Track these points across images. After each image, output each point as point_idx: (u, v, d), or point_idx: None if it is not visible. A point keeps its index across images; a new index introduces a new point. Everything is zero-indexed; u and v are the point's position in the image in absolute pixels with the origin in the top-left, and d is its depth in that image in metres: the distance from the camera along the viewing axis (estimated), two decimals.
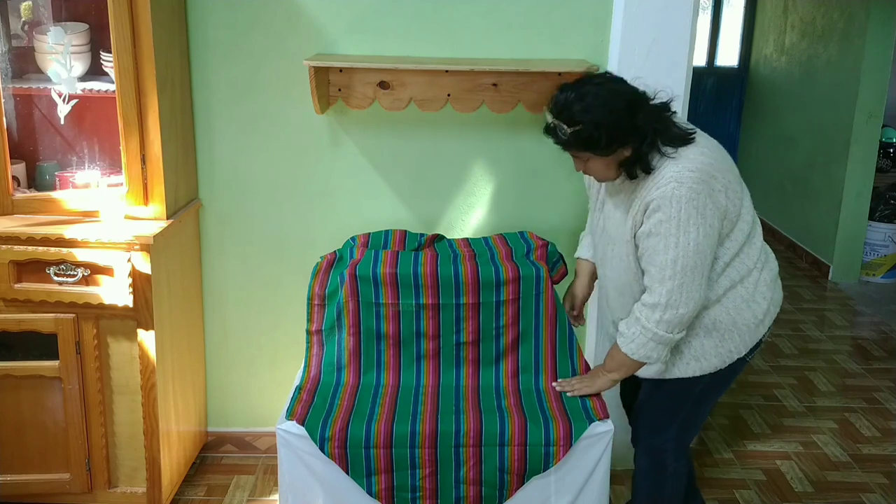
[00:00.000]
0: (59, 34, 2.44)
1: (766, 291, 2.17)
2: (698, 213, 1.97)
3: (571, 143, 2.04)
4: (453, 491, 2.22)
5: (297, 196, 2.88)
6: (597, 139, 2.00)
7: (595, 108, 1.98)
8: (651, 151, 2.03)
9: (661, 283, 2.02)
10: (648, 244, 2.04)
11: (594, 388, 2.29)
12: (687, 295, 2.02)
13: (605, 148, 2.02)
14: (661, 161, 2.03)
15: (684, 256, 1.99)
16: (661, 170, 2.02)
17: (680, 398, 2.27)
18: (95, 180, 2.61)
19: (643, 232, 2.06)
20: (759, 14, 7.16)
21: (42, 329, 2.46)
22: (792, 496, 3.01)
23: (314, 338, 2.47)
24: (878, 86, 5.28)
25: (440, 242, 2.67)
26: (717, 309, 2.13)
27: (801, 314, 4.90)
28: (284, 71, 2.74)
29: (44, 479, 2.59)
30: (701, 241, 1.99)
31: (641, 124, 2.01)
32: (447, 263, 2.42)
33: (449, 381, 2.41)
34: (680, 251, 1.99)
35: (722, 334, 2.15)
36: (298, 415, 2.21)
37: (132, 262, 2.42)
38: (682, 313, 2.04)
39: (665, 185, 1.98)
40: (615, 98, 2.01)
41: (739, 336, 2.16)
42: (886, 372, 4.11)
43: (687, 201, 1.97)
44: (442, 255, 2.48)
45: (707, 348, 2.17)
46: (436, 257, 2.45)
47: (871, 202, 5.47)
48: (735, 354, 2.19)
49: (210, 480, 2.96)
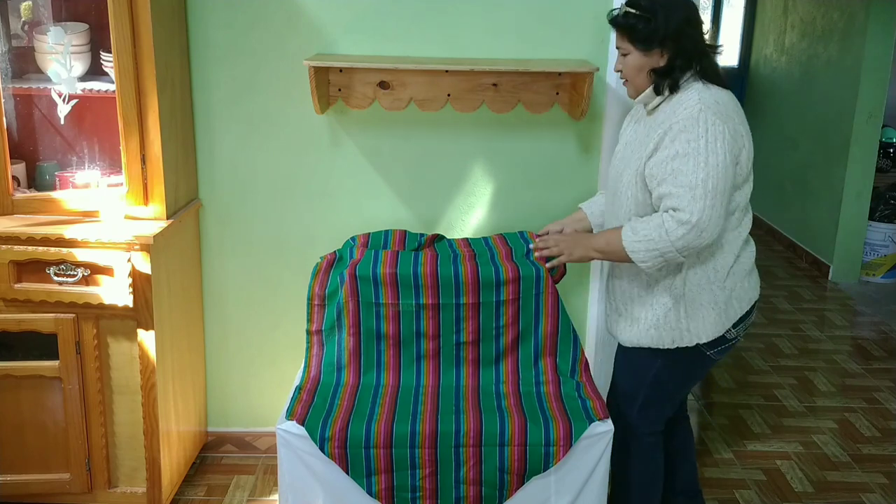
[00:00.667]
0: (59, 34, 2.44)
1: (731, 282, 2.18)
2: (724, 138, 2.01)
3: (620, 24, 2.12)
4: (453, 491, 2.22)
5: (297, 196, 2.88)
6: (642, 30, 2.08)
7: (660, 4, 2.07)
8: (685, 70, 2.10)
9: (693, 201, 2.00)
10: (674, 166, 2.04)
11: (571, 256, 2.32)
12: (715, 220, 2.02)
13: (645, 42, 2.09)
14: (688, 85, 2.10)
15: (714, 176, 2.00)
16: (688, 93, 2.08)
17: (641, 371, 2.30)
18: (95, 180, 2.61)
19: (667, 156, 2.05)
20: (759, 14, 7.16)
21: (42, 329, 2.46)
22: (792, 496, 3.01)
23: (314, 338, 2.47)
24: (878, 86, 5.29)
25: (440, 242, 2.67)
26: (680, 279, 2.16)
27: (801, 314, 4.90)
28: (284, 71, 2.75)
29: (44, 479, 2.59)
30: (729, 165, 2.02)
31: (688, 39, 2.08)
32: (447, 263, 2.42)
33: (449, 381, 2.41)
34: (710, 170, 2.00)
35: (679, 308, 2.17)
36: (298, 415, 2.21)
37: (132, 262, 2.42)
38: (704, 237, 2.03)
39: (692, 106, 2.04)
40: (681, 6, 2.09)
41: (696, 317, 2.17)
42: (886, 372, 4.11)
43: (713, 124, 2.01)
44: (442, 255, 2.48)
45: (660, 316, 2.19)
46: (436, 257, 2.45)
47: (871, 202, 5.47)
48: (689, 337, 2.19)
49: (210, 480, 2.96)
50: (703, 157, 2.00)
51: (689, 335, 2.19)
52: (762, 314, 4.85)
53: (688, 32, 2.09)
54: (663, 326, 2.21)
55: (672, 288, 2.18)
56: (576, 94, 2.65)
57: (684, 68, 2.11)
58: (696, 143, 2.00)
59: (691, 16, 2.11)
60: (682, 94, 2.10)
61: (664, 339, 2.21)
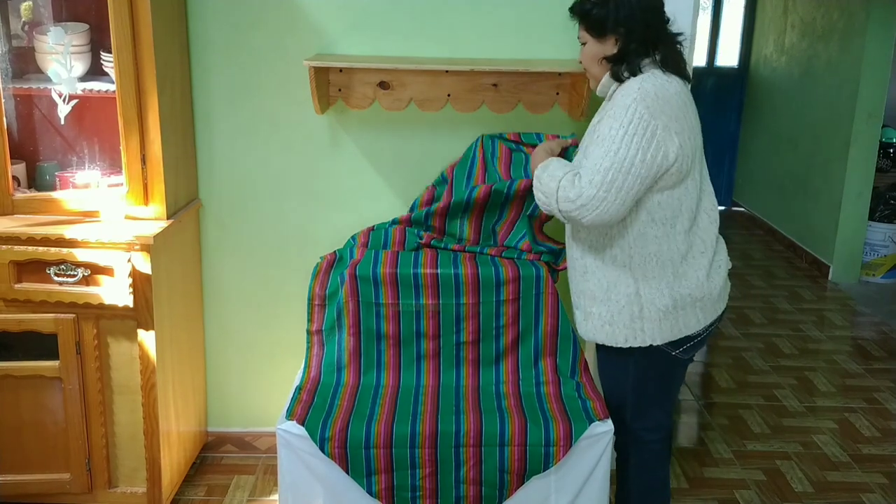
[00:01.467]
0: (59, 34, 2.44)
1: (686, 288, 2.11)
2: (644, 134, 1.97)
3: (577, 11, 2.12)
4: (453, 491, 2.22)
5: (297, 196, 2.88)
6: (595, 16, 2.06)
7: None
8: (639, 56, 2.05)
9: (590, 185, 1.98)
10: (591, 140, 2.08)
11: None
12: (605, 209, 1.98)
13: (597, 28, 2.07)
14: (647, 69, 2.05)
15: (617, 170, 1.97)
16: (634, 80, 2.04)
17: (619, 376, 2.28)
18: (95, 180, 2.61)
19: (592, 131, 2.10)
20: (759, 14, 7.16)
21: (42, 329, 2.46)
22: (792, 496, 3.01)
23: (314, 338, 2.47)
24: (878, 86, 5.29)
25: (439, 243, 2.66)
26: (633, 279, 2.12)
27: (801, 314, 4.90)
28: (284, 71, 2.75)
29: (44, 479, 2.59)
30: (641, 163, 1.97)
31: (641, 24, 2.04)
32: (447, 263, 2.42)
33: (449, 381, 2.42)
34: (616, 163, 1.97)
35: (632, 307, 2.13)
36: (298, 415, 2.21)
37: (132, 262, 2.42)
38: (588, 219, 2.00)
39: (628, 95, 2.00)
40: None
41: (649, 318, 2.13)
42: (886, 372, 4.11)
43: (639, 117, 1.97)
44: (442, 255, 2.48)
45: (614, 313, 2.15)
46: (436, 257, 2.46)
47: (871, 202, 5.47)
48: (643, 337, 2.14)
49: (210, 480, 2.96)
50: (614, 148, 1.97)
51: (642, 335, 2.14)
52: (762, 314, 4.85)
53: (642, 18, 2.04)
54: (617, 323, 2.16)
55: (626, 287, 2.13)
56: (576, 95, 2.65)
57: (639, 54, 2.05)
58: (615, 132, 1.98)
59: (649, 2, 2.07)
60: (630, 80, 2.06)
61: (617, 336, 2.17)
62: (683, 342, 2.17)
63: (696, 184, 2.10)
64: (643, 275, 2.10)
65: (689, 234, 2.11)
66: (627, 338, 2.15)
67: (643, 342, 2.15)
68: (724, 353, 4.28)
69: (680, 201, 2.07)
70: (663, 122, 1.98)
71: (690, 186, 2.08)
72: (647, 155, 1.97)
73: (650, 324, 2.13)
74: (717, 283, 2.17)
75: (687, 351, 2.20)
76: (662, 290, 2.10)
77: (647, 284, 2.11)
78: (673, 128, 1.99)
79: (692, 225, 2.11)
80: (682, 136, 2.01)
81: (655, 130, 1.97)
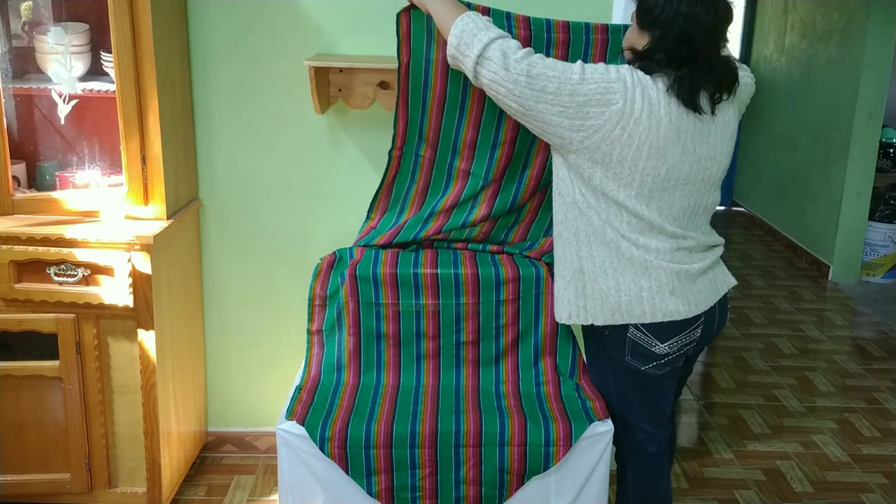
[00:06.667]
0: (59, 34, 2.44)
1: (625, 276, 2.06)
2: (596, 70, 1.95)
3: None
4: (453, 491, 2.22)
5: (297, 196, 2.89)
6: (642, 3, 1.99)
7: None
8: (661, 66, 1.97)
9: (524, 56, 1.98)
10: None
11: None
12: (502, 88, 1.98)
13: (640, 16, 1.99)
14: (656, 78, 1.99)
15: (545, 64, 1.95)
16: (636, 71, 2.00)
17: (602, 386, 2.28)
18: (96, 180, 2.62)
19: None
20: (759, 14, 7.16)
21: (42, 329, 2.47)
22: (792, 496, 3.01)
23: (314, 338, 2.47)
24: (878, 86, 5.29)
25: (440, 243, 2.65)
26: (577, 257, 2.10)
27: (801, 314, 4.90)
28: (284, 71, 2.75)
29: (44, 479, 2.60)
30: (568, 82, 1.94)
31: (679, 34, 1.94)
32: (447, 263, 2.42)
33: (449, 381, 2.42)
34: (558, 66, 1.96)
35: (577, 283, 2.12)
36: (298, 415, 2.21)
37: (132, 262, 2.42)
38: (480, 78, 2.01)
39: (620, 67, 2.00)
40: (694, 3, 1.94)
41: (592, 297, 2.11)
42: (886, 372, 4.11)
43: (609, 66, 1.96)
44: (442, 256, 2.48)
45: (560, 289, 2.17)
46: (436, 257, 2.46)
47: (871, 202, 5.47)
48: (585, 315, 2.12)
49: (210, 480, 2.96)
50: (576, 66, 1.97)
51: (584, 313, 2.13)
52: (762, 314, 4.85)
53: (682, 28, 1.92)
54: (562, 299, 2.18)
55: (571, 264, 2.13)
56: None
57: (662, 64, 1.96)
58: (577, 63, 1.98)
59: (698, 17, 1.92)
60: None
61: (561, 312, 2.18)
62: (650, 358, 2.11)
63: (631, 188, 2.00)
64: (586, 254, 2.10)
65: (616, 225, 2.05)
66: (571, 314, 2.17)
67: (584, 320, 2.14)
68: (724, 353, 4.28)
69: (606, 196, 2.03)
70: (620, 100, 1.93)
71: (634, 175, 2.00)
72: (588, 88, 1.93)
73: (592, 302, 2.11)
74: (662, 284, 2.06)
75: (657, 367, 2.13)
76: (605, 271, 2.08)
77: (590, 265, 2.09)
78: (617, 100, 1.94)
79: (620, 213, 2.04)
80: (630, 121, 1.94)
81: (609, 89, 1.93)
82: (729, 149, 2.10)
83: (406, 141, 2.47)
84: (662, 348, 2.10)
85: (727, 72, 2.02)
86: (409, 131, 2.45)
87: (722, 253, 2.22)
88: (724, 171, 2.11)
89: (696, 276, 2.10)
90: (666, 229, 2.04)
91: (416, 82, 2.37)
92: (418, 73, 2.35)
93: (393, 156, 2.50)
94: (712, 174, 2.06)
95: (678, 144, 1.97)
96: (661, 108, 1.95)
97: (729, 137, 2.09)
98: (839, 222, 5.48)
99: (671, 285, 2.06)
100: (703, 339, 2.18)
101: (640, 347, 2.11)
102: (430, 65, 2.34)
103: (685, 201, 2.05)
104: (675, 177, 2.00)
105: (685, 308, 2.08)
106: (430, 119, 2.41)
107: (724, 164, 2.09)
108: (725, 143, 2.07)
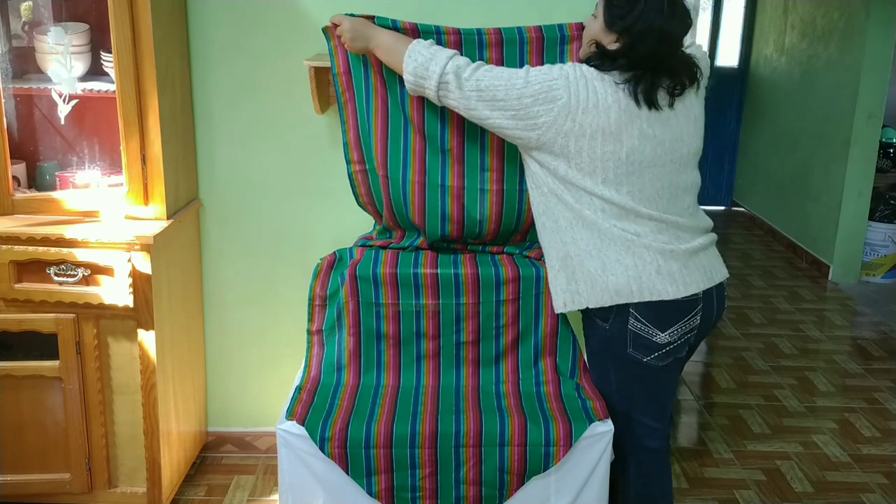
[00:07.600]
0: (59, 34, 2.44)
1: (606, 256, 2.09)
2: (543, 73, 2.05)
3: None
4: (453, 491, 2.22)
5: (297, 196, 2.89)
6: (617, 6, 2.04)
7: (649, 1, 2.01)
8: (625, 70, 2.03)
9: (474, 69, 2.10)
10: None
11: (352, 44, 2.29)
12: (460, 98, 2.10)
13: (610, 19, 2.05)
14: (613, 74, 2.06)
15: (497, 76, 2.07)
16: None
17: (602, 380, 2.30)
18: (96, 180, 2.62)
19: None
20: (759, 14, 7.16)
21: (42, 329, 2.47)
22: (792, 496, 3.01)
23: (315, 338, 2.47)
24: (878, 86, 5.29)
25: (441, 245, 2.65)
26: (563, 243, 2.16)
27: (801, 314, 4.90)
28: (284, 71, 2.75)
29: (44, 479, 2.60)
30: (518, 87, 2.04)
31: (647, 49, 2.01)
32: (447, 264, 2.42)
33: (449, 381, 2.42)
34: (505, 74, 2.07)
35: (567, 270, 2.16)
36: (298, 415, 2.21)
37: (132, 262, 2.42)
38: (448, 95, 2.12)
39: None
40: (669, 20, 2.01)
41: (582, 281, 2.14)
42: (886, 372, 4.11)
43: (552, 67, 2.05)
44: (442, 256, 2.48)
45: (551, 279, 2.23)
46: (436, 257, 2.46)
47: (871, 202, 5.47)
48: (579, 300, 2.16)
49: (210, 480, 2.96)
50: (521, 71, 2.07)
51: (578, 297, 2.16)
52: (762, 314, 4.85)
53: (653, 43, 2.00)
54: (556, 288, 2.23)
55: (557, 251, 2.17)
56: None
57: (623, 67, 2.03)
58: (523, 67, 2.10)
59: (670, 32, 2.01)
60: None
61: (557, 302, 2.23)
62: (652, 348, 2.13)
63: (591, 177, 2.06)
64: (571, 240, 2.14)
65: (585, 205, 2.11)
66: (566, 302, 2.21)
67: (580, 305, 2.18)
68: (724, 353, 4.28)
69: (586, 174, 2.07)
70: (564, 95, 2.01)
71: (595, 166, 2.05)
72: (533, 90, 2.03)
73: (583, 286, 2.15)
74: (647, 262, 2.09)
75: (658, 358, 2.15)
76: (590, 253, 2.12)
77: (577, 248, 2.13)
78: (561, 95, 2.02)
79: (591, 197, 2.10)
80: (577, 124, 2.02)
81: (561, 80, 2.02)
82: (696, 130, 2.14)
83: (364, 157, 2.46)
84: (663, 337, 2.12)
85: (685, 69, 2.09)
86: (364, 143, 2.45)
87: (716, 240, 2.24)
88: (696, 152, 2.16)
89: (684, 257, 2.12)
90: (642, 212, 2.08)
91: (359, 90, 2.41)
92: (359, 79, 2.40)
93: (353, 171, 2.49)
94: (682, 155, 2.10)
95: (633, 128, 2.03)
96: (609, 97, 2.02)
97: (693, 120, 2.13)
98: (839, 222, 5.48)
99: (656, 263, 2.09)
100: (702, 327, 2.20)
101: (642, 338, 2.13)
102: (369, 69, 2.39)
103: (658, 183, 2.08)
104: (639, 160, 2.04)
105: (673, 288, 2.09)
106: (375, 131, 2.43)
107: (693, 144, 2.13)
108: (690, 125, 2.11)
